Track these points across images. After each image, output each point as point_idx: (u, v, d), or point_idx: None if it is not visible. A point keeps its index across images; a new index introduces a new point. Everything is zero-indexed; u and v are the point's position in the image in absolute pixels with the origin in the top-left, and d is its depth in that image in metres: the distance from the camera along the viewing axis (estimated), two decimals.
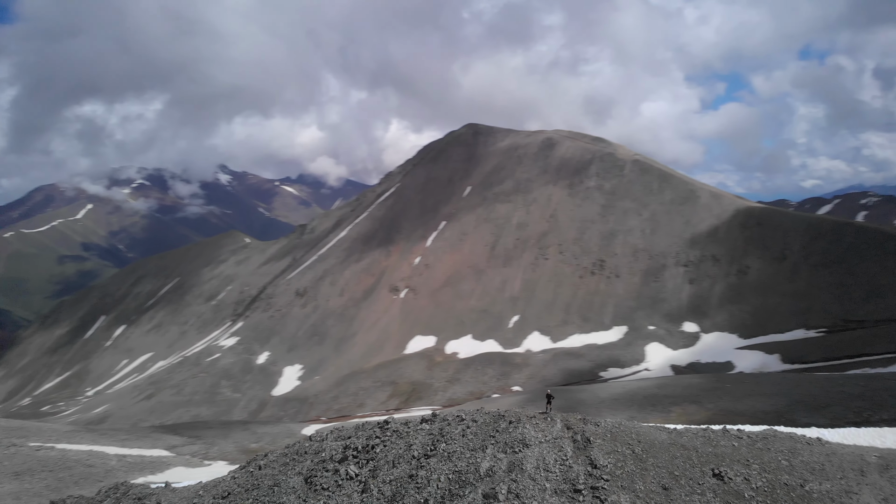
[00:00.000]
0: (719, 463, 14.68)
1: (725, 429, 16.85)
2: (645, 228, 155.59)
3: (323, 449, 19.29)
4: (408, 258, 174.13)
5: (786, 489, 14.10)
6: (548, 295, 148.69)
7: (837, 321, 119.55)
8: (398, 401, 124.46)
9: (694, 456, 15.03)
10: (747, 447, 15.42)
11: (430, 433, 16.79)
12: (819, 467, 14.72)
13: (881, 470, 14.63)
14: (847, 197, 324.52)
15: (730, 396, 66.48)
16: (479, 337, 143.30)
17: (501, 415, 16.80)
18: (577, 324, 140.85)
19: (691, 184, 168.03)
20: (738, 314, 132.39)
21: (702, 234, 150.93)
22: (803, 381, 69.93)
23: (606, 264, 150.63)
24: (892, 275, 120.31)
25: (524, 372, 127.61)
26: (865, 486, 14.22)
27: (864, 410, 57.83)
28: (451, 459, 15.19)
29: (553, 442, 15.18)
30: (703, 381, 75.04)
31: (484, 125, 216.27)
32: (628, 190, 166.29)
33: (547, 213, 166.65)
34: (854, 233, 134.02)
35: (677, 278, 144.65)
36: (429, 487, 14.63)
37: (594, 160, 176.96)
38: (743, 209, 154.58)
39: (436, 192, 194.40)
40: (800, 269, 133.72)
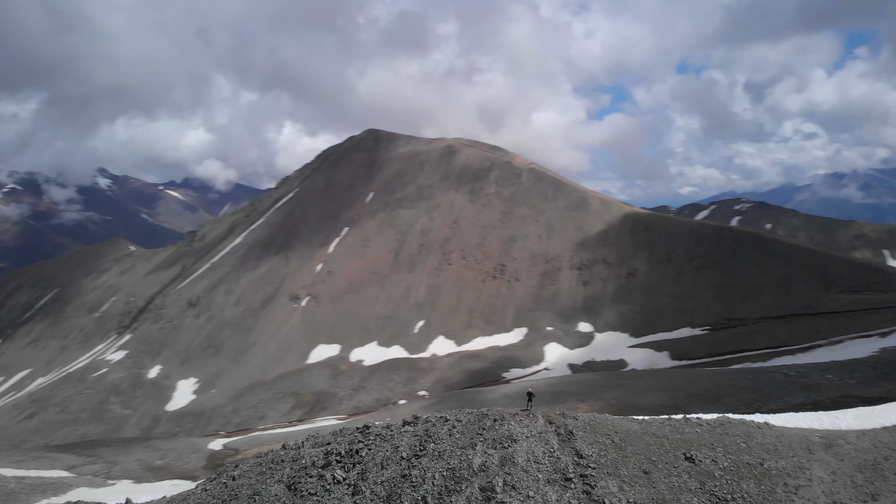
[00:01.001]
0: (689, 448, 16.70)
1: (686, 417, 18.87)
2: (541, 234, 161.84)
3: (301, 456, 19.59)
4: (309, 265, 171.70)
5: (748, 468, 16.24)
6: (452, 299, 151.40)
7: (720, 319, 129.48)
8: (301, 412, 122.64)
9: (666, 443, 16.91)
10: (709, 433, 17.53)
11: (416, 434, 17.60)
12: (773, 448, 17.03)
13: (825, 448, 17.15)
14: (722, 203, 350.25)
15: (631, 392, 70.70)
16: (385, 343, 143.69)
17: (485, 413, 17.92)
18: (481, 327, 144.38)
19: (583, 191, 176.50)
20: (628, 314, 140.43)
21: (593, 238, 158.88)
22: (696, 377, 75.65)
23: (507, 269, 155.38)
24: (768, 275, 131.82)
25: (430, 376, 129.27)
26: (815, 462, 16.61)
27: (755, 401, 63.40)
28: (442, 458, 16.13)
29: (539, 436, 16.48)
30: (604, 378, 79.53)
31: (385, 131, 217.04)
32: (525, 197, 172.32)
33: (449, 219, 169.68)
34: (732, 237, 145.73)
35: (572, 281, 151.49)
36: (424, 485, 15.48)
37: (493, 168, 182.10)
38: (631, 215, 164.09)
39: (337, 198, 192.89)
40: (684, 271, 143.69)
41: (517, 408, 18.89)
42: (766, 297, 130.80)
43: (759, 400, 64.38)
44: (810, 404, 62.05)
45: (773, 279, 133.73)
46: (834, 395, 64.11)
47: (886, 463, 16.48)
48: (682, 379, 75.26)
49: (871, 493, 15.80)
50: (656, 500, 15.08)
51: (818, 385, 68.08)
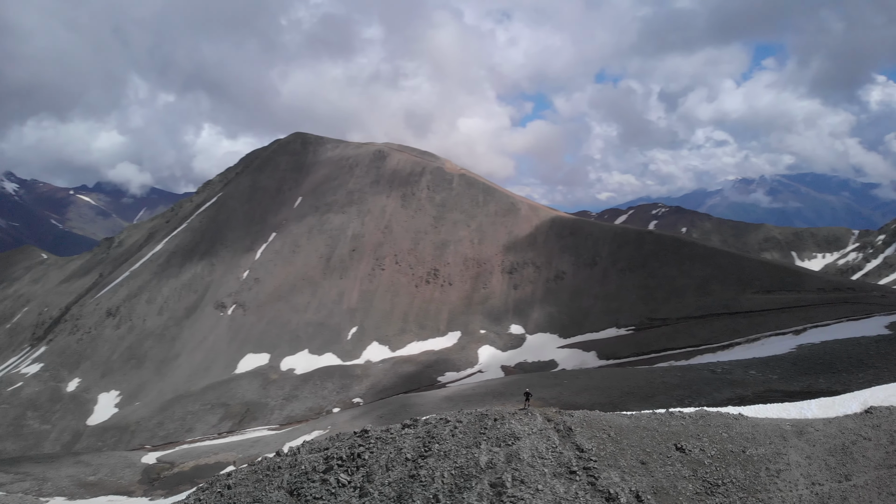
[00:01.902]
0: (678, 439, 17.67)
1: (669, 412, 19.86)
2: (473, 239, 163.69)
3: (299, 462, 19.30)
4: (235, 272, 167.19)
5: (732, 455, 17.33)
6: (385, 305, 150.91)
7: (644, 319, 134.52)
8: (231, 423, 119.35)
9: (656, 435, 17.79)
10: (692, 424, 18.55)
11: (418, 436, 17.72)
12: (751, 436, 18.25)
13: (798, 435, 18.48)
14: (639, 208, 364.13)
15: (568, 391, 72.47)
16: (317, 351, 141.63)
17: (484, 414, 18.24)
18: (415, 331, 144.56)
19: (512, 197, 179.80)
20: (557, 316, 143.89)
21: (523, 243, 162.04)
22: (629, 375, 78.39)
23: (440, 273, 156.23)
24: (688, 277, 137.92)
25: (364, 383, 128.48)
26: (790, 448, 17.88)
27: (685, 398, 66.18)
28: (448, 457, 16.35)
29: (540, 433, 16.98)
30: (542, 379, 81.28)
31: (313, 135, 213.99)
32: (457, 202, 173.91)
33: (381, 224, 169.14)
34: (654, 240, 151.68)
35: (503, 284, 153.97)
36: (434, 484, 15.67)
37: (425, 173, 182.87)
38: (557, 220, 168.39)
39: (264, 202, 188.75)
40: (609, 273, 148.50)
41: (515, 408, 19.40)
42: (687, 297, 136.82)
43: (689, 396, 67.33)
44: (737, 399, 65.47)
45: (692, 281, 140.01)
46: (758, 390, 67.88)
47: (854, 447, 17.98)
48: (615, 378, 77.82)
49: (844, 475, 17.19)
50: (655, 487, 15.97)
51: (743, 381, 71.90)
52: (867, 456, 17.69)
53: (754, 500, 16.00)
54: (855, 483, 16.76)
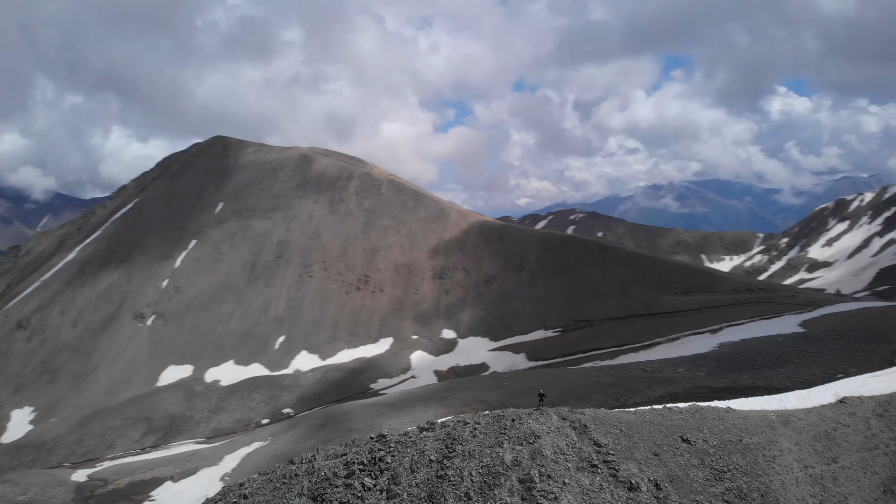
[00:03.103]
0: (682, 431, 18.69)
1: (667, 407, 20.90)
2: (404, 244, 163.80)
3: (317, 469, 18.95)
4: (153, 281, 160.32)
5: (732, 444, 18.48)
6: (314, 313, 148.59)
7: (570, 321, 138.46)
8: (155, 437, 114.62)
9: (662, 429, 18.72)
10: (691, 418, 19.63)
11: (438, 438, 17.84)
12: (744, 427, 19.50)
13: (784, 424, 19.89)
14: (558, 213, 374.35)
15: (509, 393, 73.76)
16: (243, 361, 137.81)
17: (502, 415, 18.60)
18: (346, 339, 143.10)
19: (441, 203, 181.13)
20: (487, 319, 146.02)
21: (453, 248, 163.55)
22: (566, 376, 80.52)
23: (371, 279, 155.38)
24: (610, 280, 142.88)
25: (294, 393, 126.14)
26: (780, 436, 19.24)
27: (620, 396, 68.63)
28: (473, 457, 16.62)
29: (558, 431, 17.51)
30: (483, 381, 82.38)
31: (234, 138, 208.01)
32: (386, 208, 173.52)
33: (309, 231, 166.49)
34: (577, 245, 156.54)
35: (434, 289, 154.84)
36: (464, 483, 15.91)
37: (353, 178, 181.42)
38: (486, 226, 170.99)
39: (183, 208, 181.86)
40: (536, 277, 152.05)
41: (530, 408, 19.91)
42: (610, 299, 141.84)
43: (624, 394, 69.88)
44: (669, 396, 68.47)
45: (615, 283, 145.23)
46: (688, 387, 71.24)
47: (836, 433, 19.63)
48: (553, 378, 79.78)
49: (831, 458, 18.71)
50: (670, 476, 16.92)
51: (673, 379, 75.28)
52: (849, 440, 19.37)
53: (758, 483, 17.21)
54: (842, 465, 18.35)
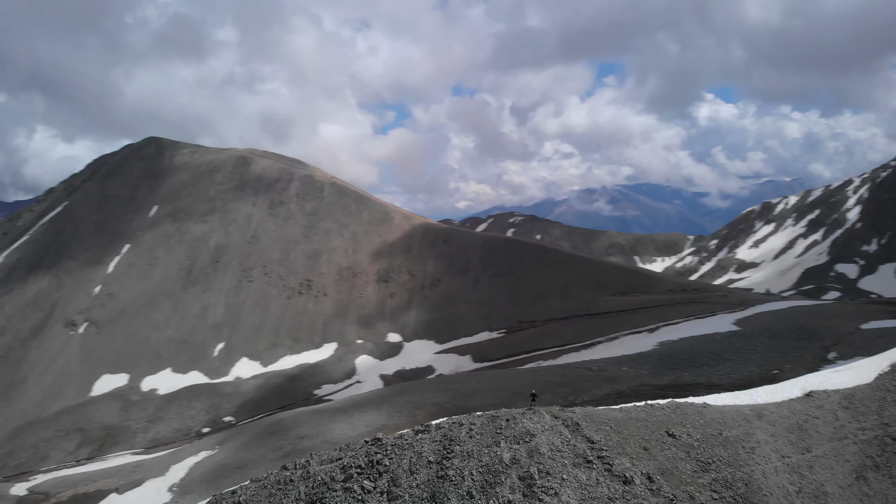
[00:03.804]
0: (667, 426, 19.29)
1: (648, 403, 21.45)
2: (347, 248, 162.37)
3: (313, 474, 18.55)
4: (85, 287, 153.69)
5: (713, 437, 19.22)
6: (254, 318, 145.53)
7: (514, 322, 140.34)
8: (91, 449, 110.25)
9: (648, 424, 19.26)
10: (672, 413, 20.27)
11: (435, 440, 17.81)
12: (722, 421, 20.32)
13: (758, 417, 20.82)
14: (498, 217, 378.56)
15: (460, 395, 74.13)
16: (181, 369, 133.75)
17: (496, 415, 18.73)
18: (288, 345, 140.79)
19: (385, 206, 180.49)
20: (433, 322, 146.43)
21: (398, 251, 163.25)
22: (515, 376, 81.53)
23: (313, 283, 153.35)
24: (552, 281, 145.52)
25: (235, 401, 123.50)
26: (756, 428, 20.13)
27: (569, 395, 69.91)
28: (472, 457, 16.72)
29: (552, 429, 17.79)
30: (433, 384, 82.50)
31: (168, 139, 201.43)
32: (329, 211, 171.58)
33: (248, 234, 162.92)
34: (520, 248, 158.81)
35: (379, 293, 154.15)
36: (465, 482, 16.01)
37: (293, 181, 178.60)
38: (431, 229, 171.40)
39: (115, 212, 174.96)
40: (480, 279, 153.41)
41: (523, 408, 20.19)
42: (552, 301, 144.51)
43: (572, 393, 71.32)
44: (615, 394, 70.29)
45: (556, 285, 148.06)
46: (633, 385, 73.31)
47: (807, 425, 20.73)
48: (503, 379, 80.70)
49: (805, 448, 19.72)
50: (661, 469, 17.50)
51: (618, 377, 77.30)
52: (819, 431, 20.48)
53: (741, 473, 18.00)
54: (816, 454, 19.40)
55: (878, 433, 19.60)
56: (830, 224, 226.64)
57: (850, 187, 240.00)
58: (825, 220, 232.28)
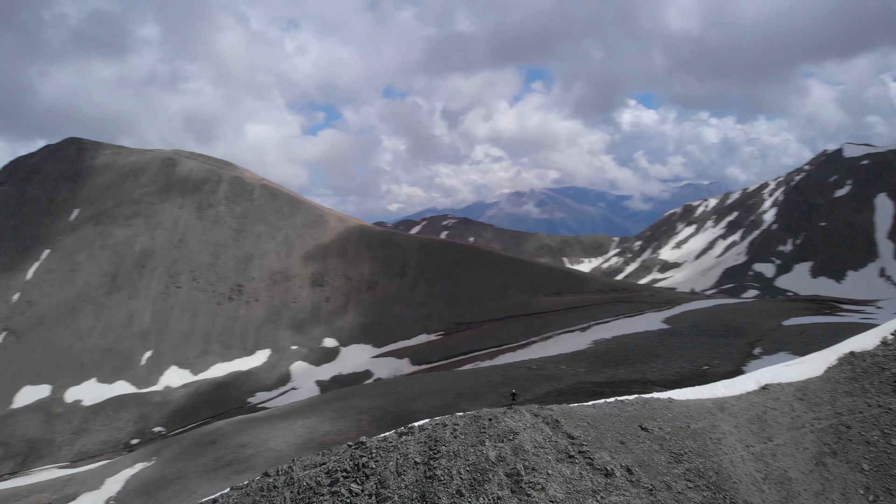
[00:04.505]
0: (639, 421, 19.96)
1: (618, 400, 22.14)
2: (280, 252, 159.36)
3: (297, 479, 18.08)
4: (2, 295, 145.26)
5: (682, 430, 20.04)
6: (183, 325, 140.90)
7: (451, 324, 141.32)
8: (13, 463, 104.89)
9: (622, 420, 19.88)
10: (642, 408, 20.99)
11: (419, 441, 17.79)
12: (688, 414, 21.19)
13: (720, 410, 21.86)
14: (432, 219, 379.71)
15: (404, 398, 74.16)
16: (107, 379, 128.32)
17: (478, 415, 18.89)
18: (219, 352, 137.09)
19: (319, 208, 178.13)
20: (370, 326, 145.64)
21: (333, 255, 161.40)
22: (457, 377, 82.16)
23: (244, 289, 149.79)
24: (488, 283, 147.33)
25: (165, 411, 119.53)
26: (720, 420, 21.13)
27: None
28: (459, 456, 16.83)
29: (533, 427, 18.12)
30: (376, 388, 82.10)
31: (90, 140, 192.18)
32: (260, 214, 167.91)
33: (175, 238, 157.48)
34: (456, 250, 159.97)
35: (314, 297, 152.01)
36: (454, 481, 16.11)
37: (222, 183, 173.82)
38: (367, 232, 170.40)
39: (33, 216, 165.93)
40: (418, 282, 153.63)
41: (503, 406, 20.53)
42: (488, 302, 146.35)
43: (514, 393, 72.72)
44: (555, 392, 72.02)
45: (492, 286, 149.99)
46: (571, 383, 75.25)
47: (766, 416, 21.94)
48: (445, 381, 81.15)
49: (767, 437, 20.88)
50: (638, 461, 18.18)
51: (557, 375, 79.11)
52: (779, 422, 21.72)
53: (711, 462, 18.94)
54: (777, 443, 20.59)
55: (832, 422, 21.11)
56: (748, 225, 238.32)
57: (766, 190, 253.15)
58: (743, 221, 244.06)
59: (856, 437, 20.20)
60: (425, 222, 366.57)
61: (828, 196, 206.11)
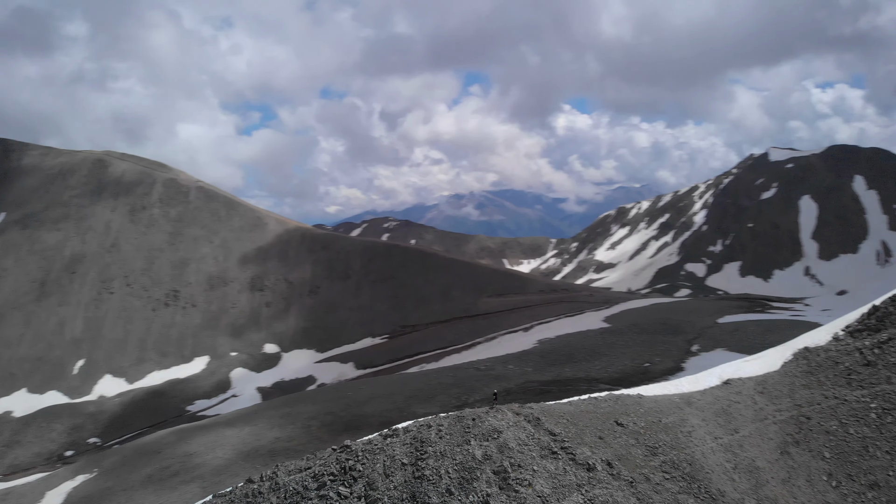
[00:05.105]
0: (614, 417, 20.62)
1: (592, 397, 22.77)
2: (218, 256, 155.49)
3: (282, 485, 17.68)
4: None
5: (655, 424, 20.84)
6: (117, 333, 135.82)
7: (396, 327, 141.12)
8: None
9: (598, 416, 20.49)
10: (615, 404, 21.70)
11: (405, 443, 17.81)
12: (658, 409, 22.03)
13: (687, 405, 22.80)
14: (373, 222, 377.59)
15: (355, 402, 73.78)
16: (37, 389, 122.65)
17: (461, 415, 19.04)
18: (156, 360, 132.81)
19: (257, 211, 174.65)
20: (313, 330, 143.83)
21: (273, 258, 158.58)
22: (407, 380, 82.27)
23: (181, 294, 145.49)
24: (433, 285, 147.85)
25: (100, 421, 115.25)
26: (689, 414, 22.05)
27: (462, 395, 71.78)
28: (446, 456, 16.98)
29: (516, 425, 18.46)
30: (325, 393, 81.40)
31: (15, 140, 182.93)
32: (196, 217, 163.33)
33: (107, 243, 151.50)
34: (401, 253, 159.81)
35: (254, 303, 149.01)
36: (443, 480, 16.28)
37: (156, 185, 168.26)
38: (308, 235, 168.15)
39: None
40: (362, 285, 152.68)
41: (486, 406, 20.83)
42: (433, 304, 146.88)
43: (465, 393, 73.28)
44: (504, 392, 73.06)
45: (437, 288, 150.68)
46: (520, 382, 76.55)
47: (731, 409, 23.10)
48: (395, 384, 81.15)
49: (733, 429, 21.97)
50: (617, 455, 18.87)
51: (506, 375, 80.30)
52: (743, 414, 22.90)
53: (684, 454, 19.84)
54: (743, 434, 21.71)
55: (793, 413, 22.47)
56: (679, 227, 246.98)
57: (696, 193, 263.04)
58: (675, 223, 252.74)
59: (816, 427, 21.63)
60: (366, 225, 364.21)
61: (755, 198, 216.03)
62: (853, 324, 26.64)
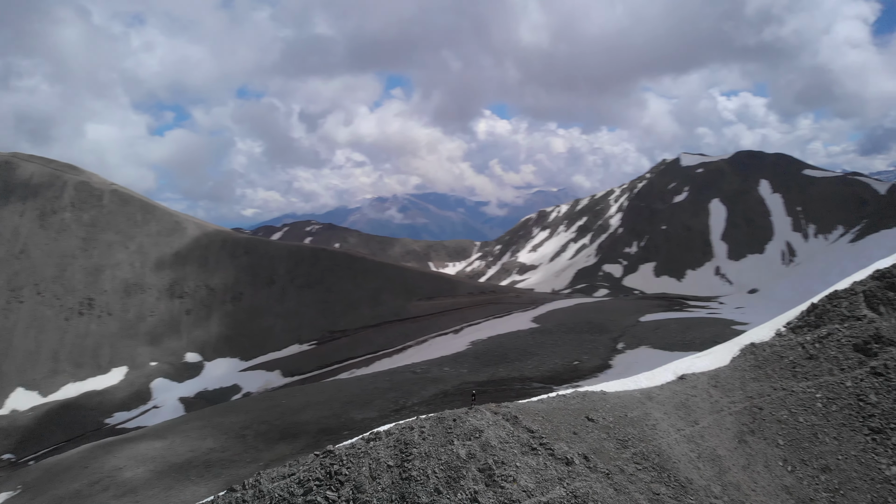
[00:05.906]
0: (585, 413, 21.55)
1: (560, 395, 23.63)
2: (134, 262, 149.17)
3: (268, 492, 17.34)
4: None
5: (622, 419, 21.94)
6: (28, 343, 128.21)
7: (325, 333, 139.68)
8: None
9: (570, 412, 21.34)
10: (582, 401, 22.63)
11: (389, 445, 17.97)
12: (623, 404, 23.15)
13: (648, 399, 24.06)
14: (294, 225, 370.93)
15: (290, 410, 72.81)
16: None
17: (442, 416, 19.38)
18: (70, 371, 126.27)
19: (176, 215, 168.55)
20: (237, 338, 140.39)
21: (193, 264, 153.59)
22: (342, 386, 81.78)
23: (96, 302, 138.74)
24: (362, 289, 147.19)
25: (13, 437, 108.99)
26: (651, 408, 23.29)
27: (399, 399, 72.10)
28: (430, 457, 17.30)
29: (496, 424, 19.00)
30: (258, 402, 79.66)
31: None
32: (110, 221, 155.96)
33: (15, 249, 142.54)
34: (328, 257, 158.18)
35: (174, 310, 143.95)
36: (430, 480, 16.66)
37: (67, 188, 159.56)
38: (230, 239, 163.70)
39: None
40: (288, 291, 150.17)
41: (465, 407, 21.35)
42: (363, 308, 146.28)
43: (402, 397, 73.64)
44: (441, 394, 73.97)
45: (366, 292, 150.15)
46: (456, 384, 77.60)
47: (690, 402, 24.58)
48: (330, 390, 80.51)
49: (693, 421, 23.39)
50: (592, 449, 19.84)
51: (442, 378, 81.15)
52: (700, 407, 24.45)
53: (652, 446, 21.09)
54: (702, 426, 23.21)
55: (746, 405, 24.30)
56: (596, 229, 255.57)
57: (611, 196, 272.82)
58: (592, 225, 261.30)
59: (768, 416, 23.53)
60: (287, 228, 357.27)
61: (667, 202, 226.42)
62: (794, 321, 29.03)
